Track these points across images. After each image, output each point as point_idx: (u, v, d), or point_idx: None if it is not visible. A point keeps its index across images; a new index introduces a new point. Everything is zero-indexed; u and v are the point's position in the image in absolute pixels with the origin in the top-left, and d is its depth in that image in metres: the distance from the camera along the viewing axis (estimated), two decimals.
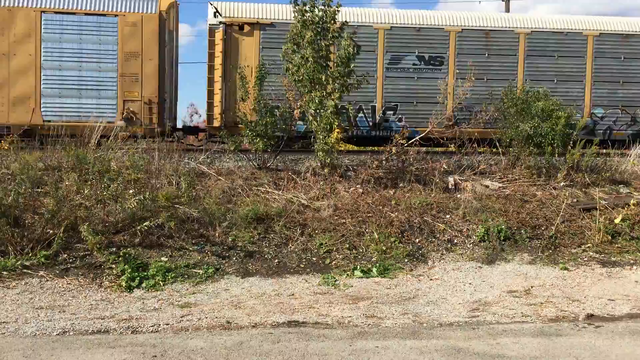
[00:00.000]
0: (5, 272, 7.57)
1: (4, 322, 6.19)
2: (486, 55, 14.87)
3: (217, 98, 14.18)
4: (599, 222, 9.80)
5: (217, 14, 14.11)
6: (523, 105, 12.18)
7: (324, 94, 10.65)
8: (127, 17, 13.70)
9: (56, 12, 13.58)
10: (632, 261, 9.06)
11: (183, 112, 48.45)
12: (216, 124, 14.07)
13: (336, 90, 10.71)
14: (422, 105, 14.50)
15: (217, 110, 14.15)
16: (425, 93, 14.54)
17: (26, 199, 8.55)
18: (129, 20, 13.70)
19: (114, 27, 13.71)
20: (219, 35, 14.18)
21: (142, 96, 13.75)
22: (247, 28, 14.20)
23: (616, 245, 9.52)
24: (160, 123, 13.91)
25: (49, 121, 13.32)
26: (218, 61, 14.15)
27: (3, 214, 8.05)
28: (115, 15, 13.70)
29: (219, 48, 14.16)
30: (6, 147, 10.49)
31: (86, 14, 13.66)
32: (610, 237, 9.61)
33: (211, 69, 14.27)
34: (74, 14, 13.61)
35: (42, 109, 13.58)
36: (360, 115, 14.62)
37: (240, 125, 11.74)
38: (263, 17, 14.33)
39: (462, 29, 14.82)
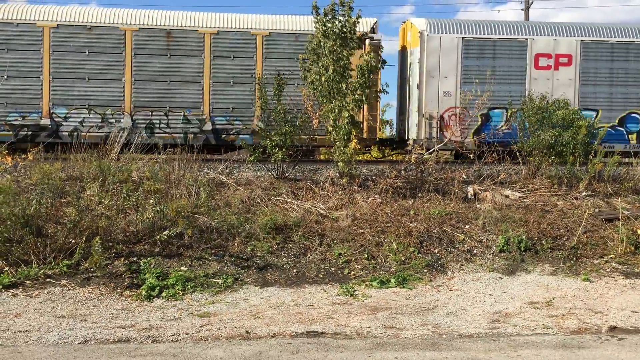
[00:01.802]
0: (28, 281, 7.68)
1: (27, 331, 6.28)
2: None
3: None
4: (621, 232, 9.66)
5: None
6: (544, 114, 12.11)
7: (343, 104, 10.68)
8: None
9: None
10: None
11: None
12: None
13: (355, 101, 10.74)
14: None
15: None
16: None
17: (48, 208, 8.68)
18: None
19: None
20: None
21: None
22: None
23: (639, 256, 9.37)
24: None
25: None
26: None
27: (26, 223, 8.17)
28: None
29: None
30: (30, 158, 10.66)
31: None
32: (633, 248, 9.47)
33: None
34: None
35: None
36: None
37: None
38: None
39: None
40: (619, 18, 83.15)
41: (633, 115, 15.08)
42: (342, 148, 10.70)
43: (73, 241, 8.30)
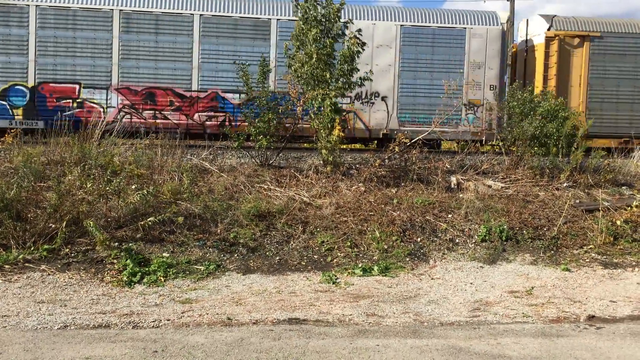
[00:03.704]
0: (7, 266, 7.58)
1: (5, 316, 6.20)
2: None
3: None
4: (601, 223, 9.78)
5: None
6: (530, 105, 12.15)
7: (327, 91, 10.63)
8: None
9: None
10: (634, 263, 9.04)
11: None
12: None
13: (338, 88, 10.69)
14: None
15: None
16: None
17: (29, 193, 8.56)
18: None
19: None
20: None
21: None
22: None
23: (618, 247, 9.50)
24: None
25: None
26: None
27: (5, 207, 8.06)
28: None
29: None
30: (10, 141, 10.50)
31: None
32: (612, 239, 9.60)
33: None
34: None
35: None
36: None
37: None
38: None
39: None
40: (605, 10, 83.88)
41: (18, 87, 13.55)
42: (325, 136, 10.67)
43: (53, 226, 8.21)
